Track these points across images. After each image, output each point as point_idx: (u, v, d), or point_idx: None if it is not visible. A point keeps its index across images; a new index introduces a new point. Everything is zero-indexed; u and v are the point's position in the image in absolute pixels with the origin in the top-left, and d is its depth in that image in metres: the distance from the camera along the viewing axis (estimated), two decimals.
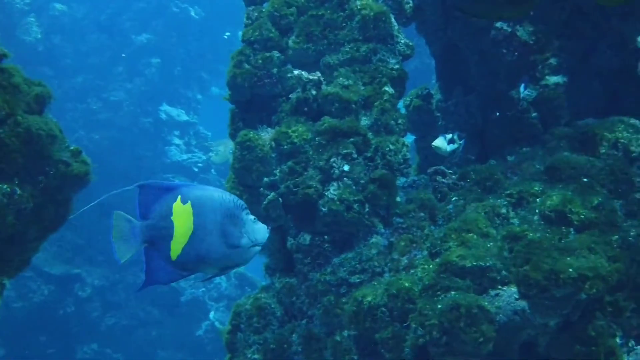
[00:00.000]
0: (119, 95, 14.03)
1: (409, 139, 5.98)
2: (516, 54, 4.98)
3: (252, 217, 2.68)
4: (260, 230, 2.70)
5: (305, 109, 4.54)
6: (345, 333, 3.97)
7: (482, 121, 5.35)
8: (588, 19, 4.56)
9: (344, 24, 4.73)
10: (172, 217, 2.53)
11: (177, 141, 14.64)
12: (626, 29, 4.77)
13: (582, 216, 3.76)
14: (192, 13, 15.97)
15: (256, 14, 4.86)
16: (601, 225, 3.74)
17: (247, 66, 4.62)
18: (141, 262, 2.57)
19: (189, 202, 2.55)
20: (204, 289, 12.65)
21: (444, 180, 4.54)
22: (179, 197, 2.55)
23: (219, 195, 2.63)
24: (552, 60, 5.02)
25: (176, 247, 2.53)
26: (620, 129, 4.35)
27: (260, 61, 4.63)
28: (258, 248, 2.71)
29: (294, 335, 4.22)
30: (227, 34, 16.62)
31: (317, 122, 4.46)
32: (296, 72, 4.61)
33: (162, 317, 12.45)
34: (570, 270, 3.41)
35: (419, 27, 5.66)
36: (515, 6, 1.95)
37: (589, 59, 4.83)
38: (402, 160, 4.46)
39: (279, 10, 4.74)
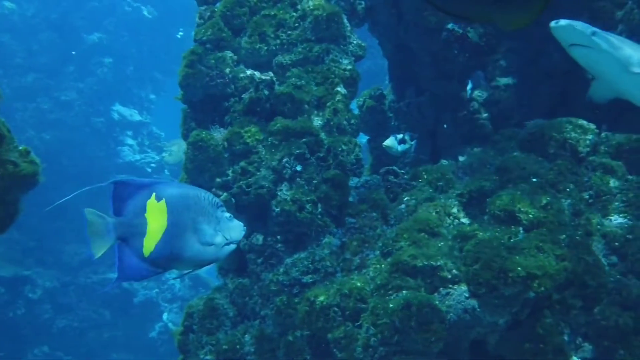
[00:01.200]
0: (70, 95, 13.84)
1: (362, 139, 6.01)
2: (467, 55, 5.04)
3: (227, 214, 2.72)
4: (235, 228, 2.74)
5: (258, 109, 4.53)
6: (298, 333, 3.97)
7: (434, 121, 5.40)
8: (537, 21, 4.63)
9: (296, 24, 4.73)
10: (145, 214, 2.55)
11: (129, 141, 14.50)
12: None
13: (531, 215, 3.82)
14: (145, 12, 15.86)
15: (208, 14, 4.83)
16: (549, 225, 3.80)
17: (199, 66, 4.59)
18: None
19: (163, 199, 2.57)
20: (157, 290, 12.55)
21: (396, 180, 4.57)
22: (154, 194, 2.57)
23: (194, 192, 2.66)
24: (502, 62, 5.09)
25: (149, 244, 2.55)
26: (568, 129, 4.42)
27: (212, 61, 4.60)
28: (233, 246, 2.75)
29: (246, 335, 4.21)
30: (180, 33, 16.54)
31: (269, 122, 4.46)
32: (249, 72, 4.60)
33: (114, 319, 12.31)
34: (519, 269, 3.45)
35: (372, 27, 5.68)
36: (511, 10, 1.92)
37: (538, 61, 4.90)
38: (354, 161, 4.48)
39: (231, 9, 4.72)
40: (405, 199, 4.36)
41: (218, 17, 4.74)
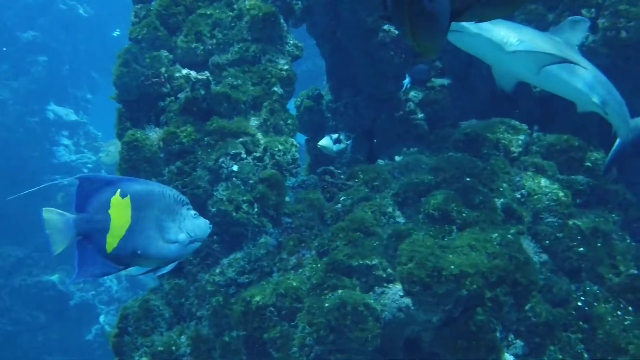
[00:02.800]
0: (4, 94, 13.57)
1: (300, 139, 6.02)
2: (403, 56, 5.09)
3: (193, 212, 2.73)
4: (200, 226, 2.75)
5: (194, 108, 4.50)
6: (234, 333, 3.96)
7: (371, 122, 5.44)
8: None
9: (233, 24, 4.72)
10: (109, 211, 2.55)
11: (65, 141, 14.27)
12: None
13: (464, 215, 3.88)
14: (81, 11, 15.63)
15: (144, 12, 4.79)
16: (482, 224, 3.86)
17: (134, 65, 4.54)
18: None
19: (128, 196, 2.57)
20: (93, 292, 12.37)
21: (332, 180, 4.59)
22: (119, 190, 2.57)
23: (159, 190, 2.66)
24: (438, 63, 5.16)
25: (112, 241, 2.55)
26: (501, 130, 4.51)
27: (148, 60, 4.56)
28: (198, 244, 2.76)
29: (182, 336, 4.18)
30: (117, 32, 16.34)
31: (206, 122, 4.43)
32: (185, 71, 4.57)
33: (49, 322, 12.08)
34: (452, 267, 3.50)
35: (310, 28, 5.70)
36: (500, 6, 1.91)
37: (472, 63, 4.98)
38: (291, 161, 4.48)
39: (167, 8, 4.69)
40: (342, 198, 4.38)
41: (153, 16, 4.70)
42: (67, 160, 13.99)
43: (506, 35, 4.10)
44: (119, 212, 2.57)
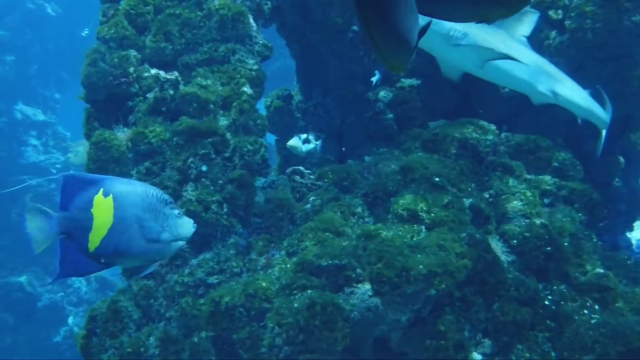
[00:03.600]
0: None
1: (270, 139, 6.02)
2: (373, 56, 5.10)
3: (176, 211, 2.75)
4: (183, 225, 2.78)
5: (163, 108, 4.48)
6: (203, 334, 3.94)
7: (341, 122, 5.45)
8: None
9: (202, 24, 4.70)
10: (92, 210, 2.56)
11: (33, 141, 14.10)
12: None
13: (433, 215, 3.89)
14: (49, 10, 15.47)
15: (112, 12, 4.75)
16: (451, 224, 3.88)
17: (102, 65, 4.51)
18: None
19: (111, 195, 2.59)
20: (62, 293, 12.25)
21: (302, 181, 4.59)
22: (102, 189, 2.58)
23: (143, 189, 2.68)
24: None
25: (94, 240, 2.57)
26: (469, 130, 4.53)
27: (116, 60, 4.53)
28: (182, 243, 2.79)
29: (151, 338, 4.15)
30: (86, 31, 16.20)
31: (175, 122, 4.42)
32: (153, 71, 4.55)
33: (17, 324, 11.92)
34: (421, 267, 3.51)
35: (279, 28, 5.69)
36: (503, 5, 1.86)
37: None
38: (260, 161, 4.48)
39: (135, 8, 4.66)
40: (311, 198, 4.38)
41: (122, 15, 4.67)
42: (36, 160, 13.83)
43: (452, 29, 4.14)
44: (102, 211, 2.58)
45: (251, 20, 4.83)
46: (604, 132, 4.73)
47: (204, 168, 4.27)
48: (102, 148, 4.33)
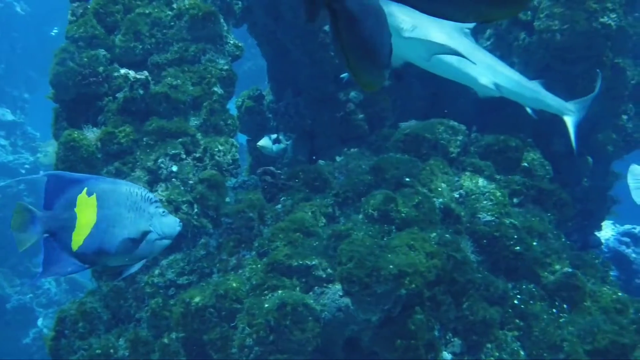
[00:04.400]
0: None
1: (242, 139, 6.01)
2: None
3: (161, 210, 2.76)
4: (168, 224, 2.78)
5: (133, 108, 4.45)
6: (173, 335, 3.93)
7: (312, 122, 5.45)
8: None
9: (172, 23, 4.68)
10: (75, 209, 2.58)
11: (2, 142, 13.95)
12: None
13: (403, 215, 3.90)
14: (18, 8, 15.33)
15: (81, 11, 4.71)
16: (421, 224, 3.90)
17: (71, 64, 4.47)
18: None
19: (95, 194, 2.60)
20: (31, 295, 12.13)
21: (273, 181, 4.58)
22: (85, 188, 2.60)
23: (126, 188, 2.69)
24: None
25: (77, 239, 2.58)
26: (440, 130, 4.56)
27: (85, 59, 4.49)
28: (167, 241, 2.80)
29: (121, 339, 4.13)
30: (55, 30, 16.07)
31: (145, 122, 4.39)
32: (123, 71, 4.52)
33: None
34: (391, 267, 3.52)
35: (250, 28, 5.68)
36: (504, 6, 1.81)
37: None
38: (231, 161, 4.47)
39: (104, 7, 4.62)
40: (282, 199, 4.38)
41: (91, 14, 4.63)
42: (4, 160, 13.69)
43: (402, 20, 4.15)
44: (85, 210, 2.59)
45: (222, 20, 4.82)
46: (566, 119, 4.74)
47: (174, 168, 4.25)
48: (71, 148, 4.30)
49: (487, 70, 4.45)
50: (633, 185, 5.43)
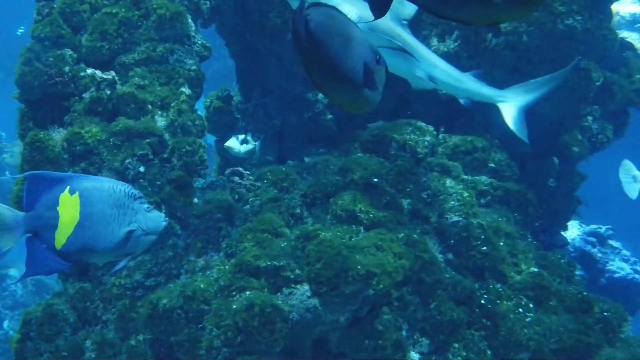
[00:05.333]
0: None
1: (210, 140, 5.99)
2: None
3: (146, 206, 2.76)
4: (153, 219, 2.79)
5: (100, 109, 4.41)
6: (141, 337, 3.90)
7: (281, 123, 5.44)
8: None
9: (139, 23, 4.64)
10: (58, 208, 2.59)
11: None
12: (413, 33, 5.02)
13: (371, 215, 3.92)
14: None
15: (47, 10, 4.66)
16: (388, 224, 3.91)
17: (36, 64, 4.42)
18: None
19: (77, 192, 2.61)
20: None
21: (241, 182, 4.57)
22: (68, 187, 2.61)
23: (110, 185, 2.69)
24: None
25: (60, 238, 2.59)
26: (408, 131, 4.58)
27: (51, 59, 4.44)
28: (153, 237, 2.80)
29: (87, 341, 4.09)
30: (21, 30, 15.90)
31: (111, 123, 4.36)
32: (89, 70, 4.48)
33: None
34: (359, 267, 3.53)
35: (219, 28, 5.67)
36: (516, 7, 1.77)
37: None
38: (199, 162, 4.44)
39: (71, 6, 4.58)
40: (250, 199, 4.37)
41: (57, 13, 4.59)
42: None
43: (348, 12, 4.12)
44: (68, 208, 2.60)
45: (190, 20, 4.79)
46: (500, 106, 4.72)
47: (141, 169, 4.22)
48: (36, 149, 4.25)
49: (422, 63, 4.44)
50: (625, 179, 5.48)
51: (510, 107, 4.71)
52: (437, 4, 1.79)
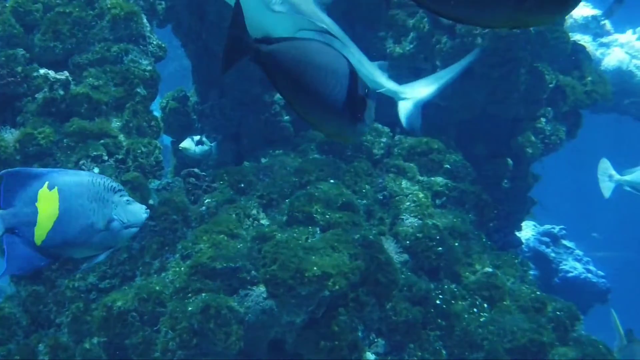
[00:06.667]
0: None
1: (166, 141, 5.95)
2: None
3: (125, 199, 2.73)
4: (134, 212, 2.75)
5: (53, 109, 4.35)
6: (95, 340, 3.86)
7: (237, 124, 5.42)
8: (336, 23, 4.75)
9: (93, 23, 4.60)
10: (37, 204, 2.57)
11: None
12: (368, 37, 5.06)
13: (327, 216, 3.93)
14: None
15: None
16: (344, 225, 3.92)
17: None
18: None
19: (56, 187, 2.59)
20: None
21: (197, 183, 4.55)
22: (47, 183, 2.59)
23: (89, 179, 2.67)
24: None
25: (40, 233, 2.58)
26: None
27: (3, 59, 4.37)
28: (134, 229, 2.78)
29: (40, 345, 4.03)
30: None
31: (65, 124, 4.30)
32: (42, 71, 4.41)
33: None
34: (315, 268, 3.54)
35: (175, 29, 5.63)
36: (545, 12, 1.65)
37: None
38: (154, 163, 4.41)
39: (23, 5, 4.51)
40: (206, 201, 4.35)
41: (9, 12, 4.51)
42: None
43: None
44: (47, 204, 2.58)
45: (145, 20, 4.75)
46: (399, 102, 4.71)
47: (96, 170, 4.17)
48: None
49: (342, 49, 4.32)
50: (601, 178, 5.54)
51: (407, 103, 4.68)
52: (460, 8, 1.68)
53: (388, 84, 4.65)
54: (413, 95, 4.68)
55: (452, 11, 1.68)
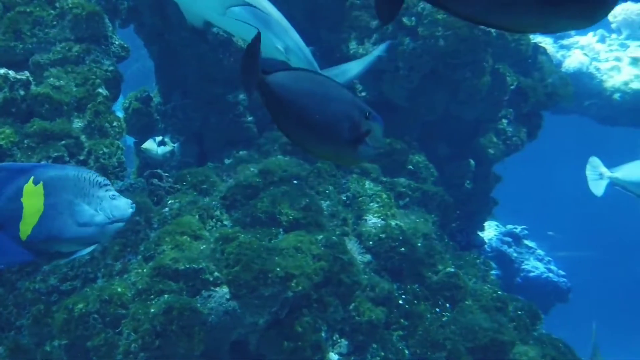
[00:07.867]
0: None
1: (129, 141, 5.91)
2: (232, 59, 5.10)
3: (111, 193, 2.73)
4: (119, 207, 2.74)
5: (13, 109, 4.30)
6: (56, 343, 3.82)
7: (200, 124, 5.41)
8: (299, 28, 4.76)
9: (55, 23, 4.55)
10: (22, 199, 2.56)
11: None
12: (332, 39, 5.08)
13: (291, 217, 3.93)
14: None
15: None
16: (308, 226, 3.93)
17: None
18: None
19: (41, 182, 2.58)
20: None
21: (160, 184, 4.53)
22: (32, 177, 2.58)
23: (74, 174, 2.67)
24: None
25: (25, 229, 2.57)
26: None
27: None
28: (120, 224, 2.77)
29: (0, 347, 3.99)
30: None
31: (26, 124, 4.26)
32: (2, 70, 4.36)
33: None
34: (278, 269, 3.54)
35: (138, 29, 5.60)
36: (574, 17, 1.49)
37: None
38: (116, 164, 4.38)
39: None
40: (169, 202, 4.33)
41: None
42: None
43: None
44: (32, 199, 2.57)
45: (107, 20, 4.71)
46: None
47: None
48: None
49: (279, 31, 4.22)
50: (591, 176, 5.59)
51: None
52: (485, 13, 1.57)
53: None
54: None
55: (485, 16, 1.59)
